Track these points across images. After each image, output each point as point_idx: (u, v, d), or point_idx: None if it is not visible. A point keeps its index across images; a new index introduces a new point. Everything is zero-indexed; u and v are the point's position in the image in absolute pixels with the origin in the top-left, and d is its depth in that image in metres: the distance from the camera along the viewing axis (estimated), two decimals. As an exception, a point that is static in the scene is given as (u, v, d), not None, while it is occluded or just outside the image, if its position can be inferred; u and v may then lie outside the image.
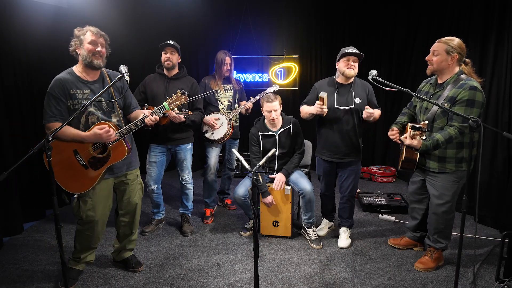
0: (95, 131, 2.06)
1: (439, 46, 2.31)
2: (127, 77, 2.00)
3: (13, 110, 3.12)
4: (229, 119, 3.33)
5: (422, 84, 2.62)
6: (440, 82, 2.41)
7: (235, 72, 4.76)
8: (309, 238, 2.95)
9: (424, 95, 2.48)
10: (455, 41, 2.29)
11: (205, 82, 3.39)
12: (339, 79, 2.78)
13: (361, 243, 2.95)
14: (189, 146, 3.13)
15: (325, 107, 2.61)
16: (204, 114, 3.21)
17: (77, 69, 2.18)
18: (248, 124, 3.43)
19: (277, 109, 2.89)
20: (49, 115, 2.09)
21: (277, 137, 2.97)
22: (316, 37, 5.11)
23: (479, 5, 3.39)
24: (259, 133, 3.00)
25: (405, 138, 2.31)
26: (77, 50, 2.14)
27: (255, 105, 3.40)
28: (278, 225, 3.01)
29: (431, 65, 2.37)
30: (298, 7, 5.01)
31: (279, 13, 5.07)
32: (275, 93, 3.06)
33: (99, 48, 2.12)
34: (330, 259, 2.70)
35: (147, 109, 2.60)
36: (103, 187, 2.26)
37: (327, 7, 4.96)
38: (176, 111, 2.66)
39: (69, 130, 2.07)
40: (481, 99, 2.21)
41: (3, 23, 3.03)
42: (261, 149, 3.00)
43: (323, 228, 3.13)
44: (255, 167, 1.92)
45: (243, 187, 2.94)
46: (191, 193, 3.24)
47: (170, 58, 2.96)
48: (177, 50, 2.99)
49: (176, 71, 3.07)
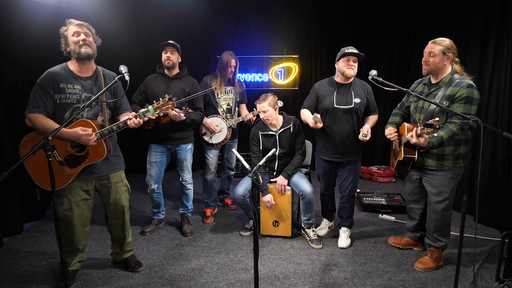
0: (77, 130, 2.00)
1: (435, 47, 2.33)
2: (127, 77, 1.97)
3: (13, 110, 3.12)
4: (229, 126, 3.34)
5: (414, 84, 2.64)
6: (434, 81, 2.44)
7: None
8: (309, 238, 2.95)
9: (419, 95, 2.49)
10: (447, 41, 2.34)
11: (206, 81, 3.37)
12: (338, 78, 2.78)
13: (361, 243, 2.95)
14: (189, 146, 3.13)
15: (319, 124, 2.65)
16: (204, 114, 3.20)
17: (71, 64, 2.18)
18: (248, 124, 3.43)
19: (266, 110, 2.86)
20: (33, 105, 2.05)
21: (277, 136, 2.96)
22: (316, 37, 5.11)
23: (479, 5, 3.39)
24: (260, 132, 3.00)
25: (411, 136, 2.27)
26: (67, 49, 2.13)
27: None
28: (278, 225, 3.01)
29: (428, 66, 2.39)
30: (298, 7, 5.02)
31: (279, 13, 5.08)
32: (271, 93, 3.00)
33: (82, 36, 2.10)
34: (330, 259, 2.70)
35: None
36: (81, 187, 2.21)
37: (327, 7, 4.96)
38: (176, 109, 2.65)
39: (50, 123, 2.04)
40: (478, 96, 2.27)
41: (3, 23, 3.04)
42: (261, 148, 3.00)
43: (323, 228, 3.13)
44: (255, 167, 1.92)
45: (243, 187, 2.94)
46: (191, 193, 3.24)
47: (170, 57, 2.96)
48: (177, 50, 2.99)
49: (176, 71, 3.07)
